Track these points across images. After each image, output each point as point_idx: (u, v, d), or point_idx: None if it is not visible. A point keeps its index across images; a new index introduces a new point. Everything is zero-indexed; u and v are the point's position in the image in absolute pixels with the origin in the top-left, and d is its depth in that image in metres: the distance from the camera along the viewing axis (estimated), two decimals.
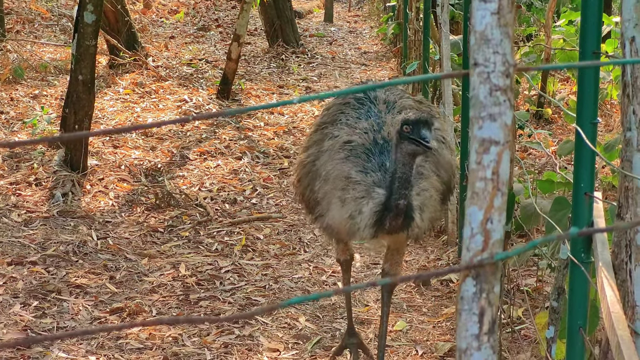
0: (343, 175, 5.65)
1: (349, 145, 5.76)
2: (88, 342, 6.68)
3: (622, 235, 3.90)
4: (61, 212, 9.01)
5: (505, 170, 1.71)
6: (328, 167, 5.78)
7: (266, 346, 6.71)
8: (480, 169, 1.70)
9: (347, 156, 5.72)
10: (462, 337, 1.68)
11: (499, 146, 1.70)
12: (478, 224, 1.69)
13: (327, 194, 5.75)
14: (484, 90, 1.69)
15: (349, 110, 6.04)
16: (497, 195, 1.70)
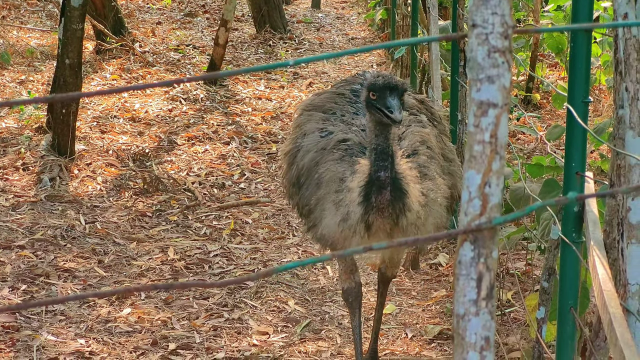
0: (337, 177, 5.20)
1: (344, 144, 5.33)
2: (77, 326, 6.65)
3: (614, 213, 3.89)
4: (49, 197, 8.96)
5: (503, 133, 1.69)
6: (321, 169, 5.30)
7: (255, 329, 6.70)
8: (478, 132, 1.68)
9: (341, 156, 5.27)
10: (460, 303, 1.67)
11: (498, 109, 1.68)
12: (476, 188, 1.67)
13: (320, 200, 5.28)
14: (482, 52, 1.67)
15: (343, 103, 5.61)
16: (495, 158, 1.68)
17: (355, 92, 5.59)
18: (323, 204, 5.21)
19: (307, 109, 5.72)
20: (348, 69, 15.61)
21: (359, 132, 5.30)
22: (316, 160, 5.35)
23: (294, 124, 5.79)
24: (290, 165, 5.58)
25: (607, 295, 3.60)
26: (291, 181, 5.58)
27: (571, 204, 4.46)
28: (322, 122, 5.53)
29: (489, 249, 1.66)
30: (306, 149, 5.47)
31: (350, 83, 5.79)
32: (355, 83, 5.73)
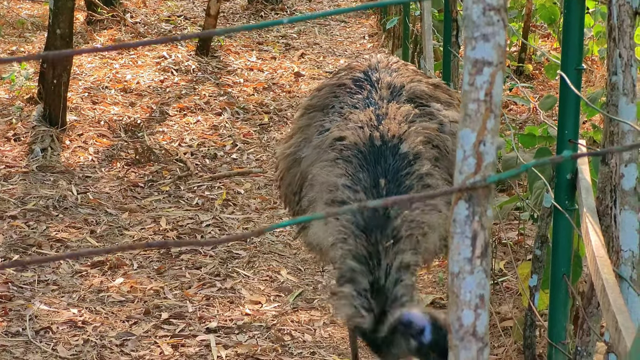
0: (329, 184, 4.61)
1: (340, 143, 4.67)
2: (70, 295, 6.65)
3: (607, 180, 3.89)
4: (40, 167, 8.94)
5: (498, 92, 1.68)
6: (315, 170, 4.75)
7: (248, 299, 6.70)
8: (473, 90, 1.68)
9: (335, 158, 4.64)
10: (455, 261, 1.66)
11: (492, 67, 1.67)
12: (470, 147, 1.67)
13: (311, 202, 4.76)
14: (477, 10, 1.66)
15: (344, 94, 4.95)
16: (490, 117, 1.67)
17: (357, 82, 4.98)
18: (314, 208, 4.72)
19: (307, 110, 5.13)
20: (340, 40, 15.57)
21: (356, 130, 4.64)
22: (312, 160, 4.82)
23: (296, 125, 5.20)
24: (289, 169, 5.00)
25: (600, 262, 3.60)
26: (291, 188, 4.99)
27: (564, 172, 4.45)
28: (320, 122, 4.94)
29: (483, 207, 1.66)
30: (306, 157, 4.90)
31: (353, 70, 5.14)
32: (358, 70, 5.09)
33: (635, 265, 3.67)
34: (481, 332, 1.66)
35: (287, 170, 4.99)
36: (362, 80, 4.96)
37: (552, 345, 4.53)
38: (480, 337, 1.67)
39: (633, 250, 3.69)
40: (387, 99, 4.80)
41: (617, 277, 3.68)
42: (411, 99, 4.84)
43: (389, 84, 4.90)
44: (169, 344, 6.05)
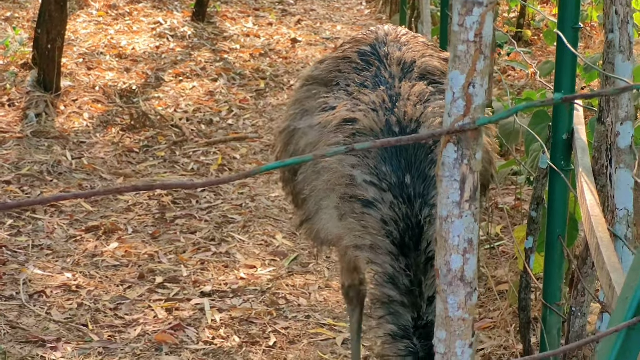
0: (344, 175, 4.11)
1: (350, 126, 4.20)
2: (64, 260, 6.63)
3: (602, 139, 3.86)
4: (35, 133, 8.89)
5: (488, 33, 1.64)
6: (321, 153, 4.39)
7: (243, 263, 6.68)
8: (463, 31, 1.63)
9: (347, 143, 4.10)
10: (443, 205, 1.63)
11: (482, 7, 1.63)
12: (460, 89, 1.63)
13: (317, 191, 4.28)
14: None
15: (349, 70, 4.53)
16: (479, 58, 1.63)
17: (364, 56, 4.56)
18: (320, 197, 4.25)
19: (308, 82, 4.71)
20: (337, 6, 15.49)
21: (369, 112, 4.18)
22: (314, 141, 4.34)
23: (293, 98, 4.81)
24: (285, 146, 4.62)
25: (595, 221, 3.57)
26: (288, 167, 4.57)
27: (560, 132, 4.42)
28: (324, 98, 4.49)
29: (472, 151, 1.62)
30: (304, 132, 4.48)
31: (359, 43, 4.70)
32: (364, 43, 4.67)
33: (630, 224, 3.64)
34: (469, 276, 1.63)
35: (284, 147, 4.59)
36: (369, 54, 4.53)
37: (546, 307, 4.51)
38: (468, 282, 1.64)
39: (628, 208, 3.66)
40: (399, 77, 4.38)
41: (612, 236, 3.65)
42: (423, 75, 4.42)
43: (399, 60, 4.47)
44: (163, 307, 6.03)
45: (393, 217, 3.94)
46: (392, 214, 3.95)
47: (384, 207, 3.96)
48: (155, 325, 5.82)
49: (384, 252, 3.91)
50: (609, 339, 1.80)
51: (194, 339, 5.69)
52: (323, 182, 4.19)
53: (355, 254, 4.11)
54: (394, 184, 3.99)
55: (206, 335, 5.71)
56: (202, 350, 5.57)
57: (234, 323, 5.87)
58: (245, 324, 5.88)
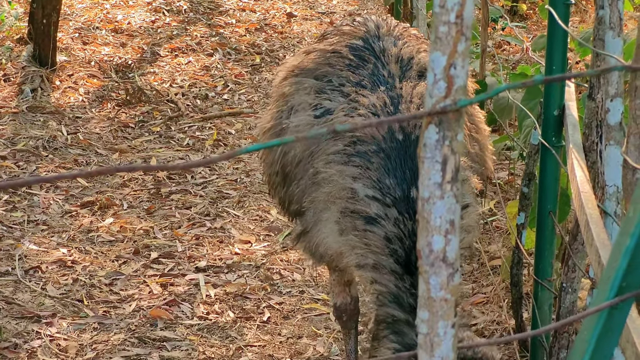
0: (344, 189, 3.86)
1: (349, 133, 3.89)
2: (59, 235, 6.65)
3: (592, 116, 3.87)
4: (30, 108, 8.90)
5: (469, 14, 1.65)
6: (319, 165, 3.96)
7: (237, 238, 6.70)
8: (443, 12, 1.64)
9: (347, 153, 3.89)
10: (425, 186, 1.64)
11: None
12: (441, 70, 1.64)
13: (316, 203, 3.99)
14: None
15: (341, 66, 4.18)
16: (461, 39, 1.64)
17: (356, 51, 4.23)
18: (319, 209, 3.96)
19: (293, 73, 4.33)
20: None
21: (370, 118, 3.90)
22: (311, 150, 4.02)
23: (277, 93, 4.40)
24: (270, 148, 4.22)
25: (585, 197, 3.59)
26: (273, 169, 4.30)
27: (551, 108, 4.43)
28: (314, 94, 4.14)
29: (454, 132, 1.64)
30: (295, 131, 4.13)
31: (348, 36, 4.36)
32: (354, 37, 4.33)
33: (619, 201, 3.66)
34: (451, 257, 1.65)
35: (270, 148, 4.17)
36: (362, 49, 4.22)
37: (537, 282, 4.54)
38: (450, 263, 1.65)
39: (617, 185, 3.68)
40: (398, 76, 4.08)
41: (601, 213, 3.67)
42: (422, 73, 4.13)
43: (397, 56, 4.17)
44: (158, 283, 6.06)
45: (397, 234, 3.71)
46: (396, 230, 3.73)
47: (388, 223, 3.74)
48: (150, 301, 5.85)
49: (387, 271, 3.72)
50: (591, 318, 1.82)
51: (188, 314, 5.72)
52: (323, 194, 3.92)
53: (357, 273, 3.90)
54: (398, 198, 3.75)
55: (200, 311, 5.75)
56: (197, 325, 5.60)
57: (228, 298, 5.91)
58: (239, 299, 5.92)
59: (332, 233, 3.91)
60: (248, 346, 5.41)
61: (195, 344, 5.40)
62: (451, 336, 1.68)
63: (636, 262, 1.77)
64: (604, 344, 1.80)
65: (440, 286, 1.65)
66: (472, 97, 3.94)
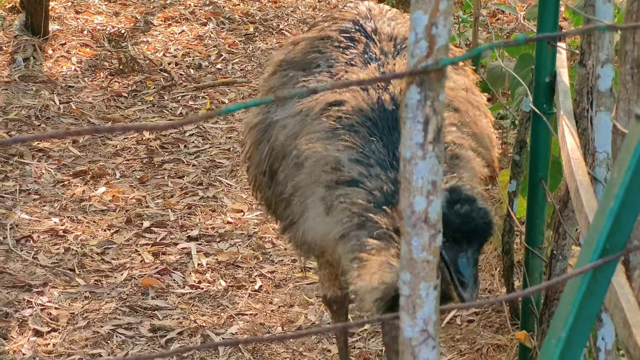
0: (328, 162, 3.66)
1: (336, 109, 3.74)
2: (51, 205, 6.63)
3: (583, 82, 3.85)
4: (23, 77, 8.86)
5: None
6: (302, 144, 3.74)
7: (230, 207, 6.69)
8: None
9: (333, 128, 3.71)
10: (407, 147, 1.63)
11: None
12: (423, 29, 1.62)
13: (300, 188, 3.76)
14: None
15: (330, 49, 4.03)
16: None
17: (346, 33, 4.08)
18: (305, 195, 3.73)
19: (281, 67, 4.17)
20: None
21: (359, 92, 3.76)
22: (295, 132, 3.82)
23: (265, 87, 4.24)
24: (257, 143, 4.07)
25: (575, 164, 3.58)
26: (260, 168, 4.07)
27: (542, 75, 4.42)
28: (302, 84, 3.99)
29: (435, 92, 1.62)
30: (282, 124, 3.93)
31: (338, 20, 4.23)
32: (344, 20, 4.20)
33: (609, 167, 3.65)
34: (433, 218, 1.64)
35: (256, 145, 4.06)
36: (352, 31, 4.08)
37: (529, 250, 4.54)
38: (432, 224, 1.64)
39: (608, 151, 3.66)
40: (392, 53, 3.95)
41: (592, 180, 3.66)
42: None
43: (390, 35, 4.03)
44: (150, 252, 6.06)
45: (378, 185, 3.58)
46: (378, 183, 3.59)
47: (370, 181, 3.60)
48: (141, 270, 5.85)
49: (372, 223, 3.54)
50: (575, 280, 1.81)
51: (180, 283, 5.72)
52: (306, 175, 3.71)
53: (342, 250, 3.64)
54: (384, 159, 3.63)
55: (192, 279, 5.74)
56: (188, 294, 5.60)
57: (220, 267, 5.90)
58: (231, 267, 5.91)
59: (319, 216, 3.67)
60: (239, 315, 5.41)
61: (186, 312, 5.40)
62: (433, 298, 1.67)
63: (620, 224, 1.76)
64: (588, 306, 1.79)
65: (422, 247, 1.64)
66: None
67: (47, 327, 5.22)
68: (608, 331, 3.57)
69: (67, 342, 5.10)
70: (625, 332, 2.08)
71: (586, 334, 1.81)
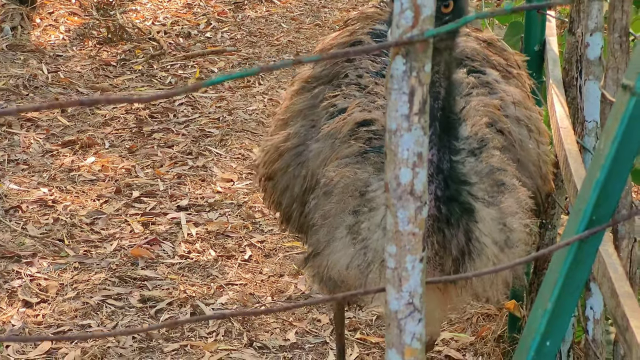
0: (355, 188, 3.28)
1: (365, 129, 3.39)
2: (40, 174, 6.61)
3: (573, 51, 3.84)
4: (10, 46, 8.81)
5: None
6: (330, 172, 3.37)
7: (220, 176, 6.67)
8: None
9: (363, 152, 3.35)
10: (392, 118, 1.61)
11: None
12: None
13: (328, 218, 3.36)
14: None
15: (361, 57, 3.61)
16: None
17: (379, 37, 3.69)
18: (332, 225, 3.35)
19: (310, 84, 3.76)
20: None
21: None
22: (324, 157, 3.48)
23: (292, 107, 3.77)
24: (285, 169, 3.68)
25: (564, 133, 3.57)
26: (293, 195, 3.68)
27: (532, 43, 4.40)
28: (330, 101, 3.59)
29: (421, 63, 1.60)
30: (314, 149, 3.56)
31: (371, 20, 3.84)
32: (378, 21, 3.82)
33: (598, 136, 3.64)
34: (419, 190, 1.63)
35: (284, 169, 3.67)
36: (386, 34, 3.62)
37: None
38: (418, 196, 1.63)
39: (597, 120, 3.65)
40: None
41: (581, 149, 3.65)
42: (460, 60, 3.54)
43: None
44: (140, 222, 6.04)
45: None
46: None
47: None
48: (131, 240, 5.83)
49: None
50: (561, 251, 1.80)
51: (169, 253, 5.71)
52: (335, 203, 3.34)
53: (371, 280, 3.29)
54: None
55: (182, 250, 5.73)
56: (178, 264, 5.59)
57: (209, 237, 5.89)
58: (221, 237, 5.90)
59: (344, 245, 3.29)
60: (229, 284, 5.41)
61: (176, 282, 5.39)
62: (419, 271, 1.66)
63: (606, 194, 1.75)
64: (574, 277, 1.79)
65: (408, 220, 1.63)
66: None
67: (36, 298, 5.21)
68: (596, 301, 3.58)
69: (56, 313, 5.09)
70: (613, 301, 2.08)
71: (572, 304, 1.81)
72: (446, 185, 3.08)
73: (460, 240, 3.12)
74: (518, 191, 3.31)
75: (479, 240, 3.15)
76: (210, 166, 6.82)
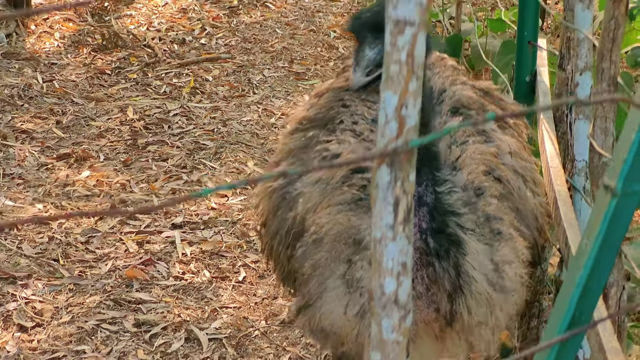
0: (350, 234, 3.22)
1: (359, 176, 3.33)
2: (35, 190, 6.62)
3: (563, 86, 3.86)
4: (5, 54, 8.81)
5: (420, 53, 1.63)
6: (322, 219, 3.32)
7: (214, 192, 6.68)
8: (394, 51, 1.63)
9: (357, 199, 3.30)
10: (377, 227, 1.64)
11: (414, 27, 1.62)
12: (392, 110, 1.62)
13: (318, 267, 3.29)
14: None
15: (356, 102, 3.58)
16: (412, 79, 1.63)
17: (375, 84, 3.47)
18: (324, 275, 3.26)
19: (302, 125, 3.74)
20: None
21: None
22: (314, 203, 3.42)
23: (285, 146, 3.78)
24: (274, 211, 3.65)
25: (554, 173, 3.60)
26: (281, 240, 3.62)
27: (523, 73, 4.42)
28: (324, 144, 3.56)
29: (405, 172, 1.63)
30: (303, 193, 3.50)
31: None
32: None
33: (588, 176, 3.66)
34: (403, 299, 1.65)
35: (274, 212, 3.62)
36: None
37: None
38: (402, 305, 1.65)
39: (586, 160, 3.68)
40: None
41: (570, 188, 3.68)
42: (456, 109, 3.54)
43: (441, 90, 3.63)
44: (134, 240, 6.06)
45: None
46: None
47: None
48: (126, 260, 5.85)
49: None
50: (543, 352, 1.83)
51: (164, 274, 5.73)
52: (326, 252, 3.27)
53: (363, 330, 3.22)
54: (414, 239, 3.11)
55: (176, 270, 5.75)
56: (172, 286, 5.61)
57: (204, 257, 5.91)
58: (215, 257, 5.92)
59: (338, 298, 3.21)
60: (223, 308, 5.43)
61: (170, 305, 5.42)
62: None
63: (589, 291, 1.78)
64: None
65: (392, 328, 1.65)
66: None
67: (31, 322, 5.23)
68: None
69: (51, 338, 5.12)
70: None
71: None
72: (432, 217, 3.05)
73: (452, 274, 3.08)
74: (515, 241, 3.26)
75: (468, 274, 3.10)
76: (204, 180, 6.84)
